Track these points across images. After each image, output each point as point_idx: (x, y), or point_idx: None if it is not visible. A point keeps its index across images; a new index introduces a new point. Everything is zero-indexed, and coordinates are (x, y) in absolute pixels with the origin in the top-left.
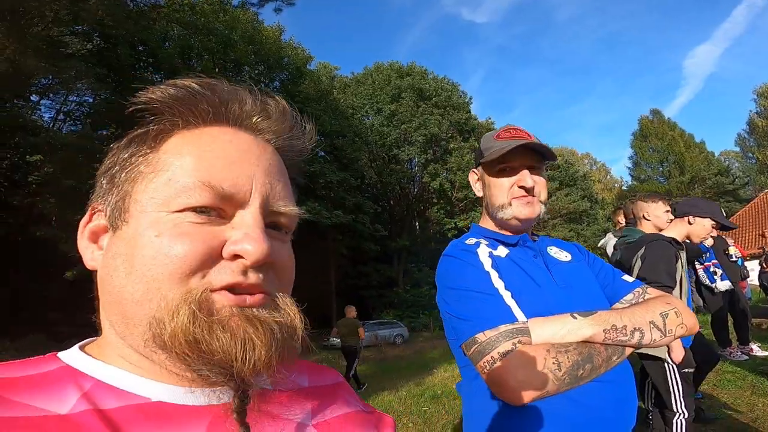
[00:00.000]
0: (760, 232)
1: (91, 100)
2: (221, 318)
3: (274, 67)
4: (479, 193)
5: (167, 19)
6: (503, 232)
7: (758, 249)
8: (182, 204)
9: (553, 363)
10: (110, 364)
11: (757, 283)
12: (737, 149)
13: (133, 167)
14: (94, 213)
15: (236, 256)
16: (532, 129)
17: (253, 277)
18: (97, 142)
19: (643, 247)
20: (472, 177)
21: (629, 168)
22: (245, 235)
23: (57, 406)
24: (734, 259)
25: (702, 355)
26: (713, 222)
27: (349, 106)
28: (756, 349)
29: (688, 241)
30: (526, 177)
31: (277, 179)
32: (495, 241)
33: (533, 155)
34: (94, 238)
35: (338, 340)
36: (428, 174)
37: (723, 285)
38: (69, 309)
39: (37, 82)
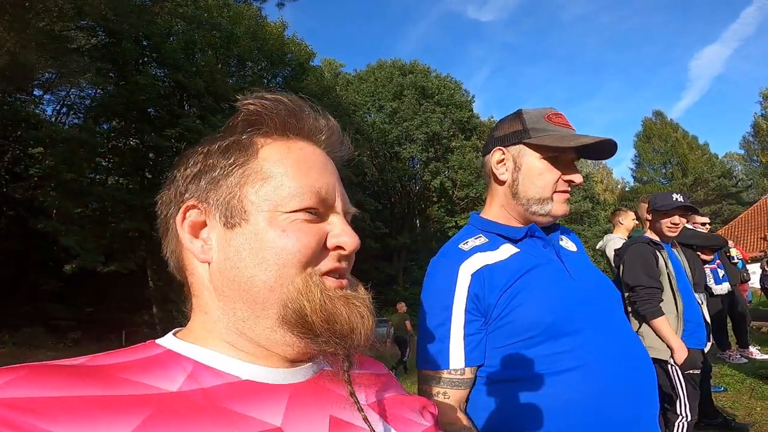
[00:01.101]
0: (762, 235)
1: (92, 94)
2: (334, 297)
3: (277, 62)
4: (503, 177)
5: (171, 14)
6: (512, 223)
7: (760, 252)
8: (295, 206)
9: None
10: (207, 347)
11: (758, 286)
12: (742, 152)
13: (240, 173)
14: (189, 210)
15: (338, 247)
16: None
17: (344, 264)
18: (99, 136)
19: (625, 251)
20: (496, 156)
21: (632, 169)
22: (343, 231)
23: (168, 384)
24: (735, 261)
25: None
26: (656, 210)
27: (351, 103)
28: (755, 353)
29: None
30: (577, 172)
31: (341, 185)
32: (498, 236)
33: (578, 151)
34: (195, 232)
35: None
36: (429, 172)
37: (721, 288)
38: (67, 302)
39: (40, 76)
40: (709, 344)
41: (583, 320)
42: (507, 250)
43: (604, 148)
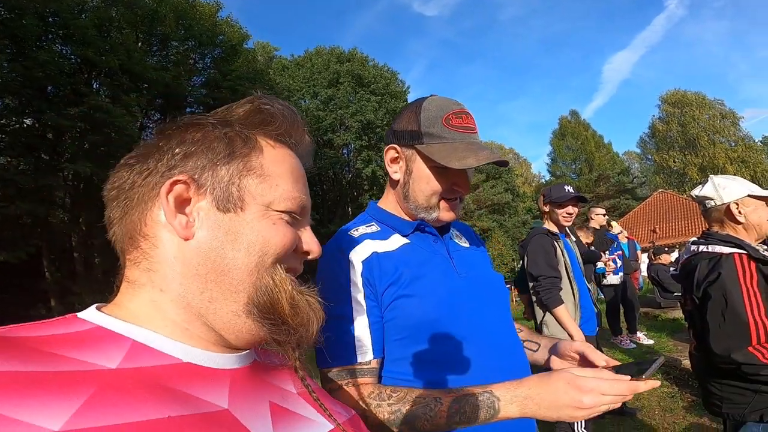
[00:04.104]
0: (652, 228)
1: None
2: (298, 290)
3: (206, 43)
4: (395, 176)
5: None
6: (404, 216)
7: (649, 243)
8: (284, 207)
9: (364, 409)
10: (144, 326)
11: (646, 274)
12: (639, 151)
13: (242, 164)
14: (176, 184)
15: (306, 252)
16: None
17: (302, 267)
18: None
19: (529, 243)
20: (390, 154)
21: (548, 164)
22: (312, 239)
23: (105, 361)
24: (618, 232)
25: None
26: (552, 202)
27: (285, 88)
28: (642, 338)
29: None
30: (467, 181)
31: None
32: (390, 228)
33: None
34: (179, 207)
35: None
36: (362, 160)
37: (612, 278)
38: None
39: None
40: (598, 330)
41: (467, 318)
42: (397, 241)
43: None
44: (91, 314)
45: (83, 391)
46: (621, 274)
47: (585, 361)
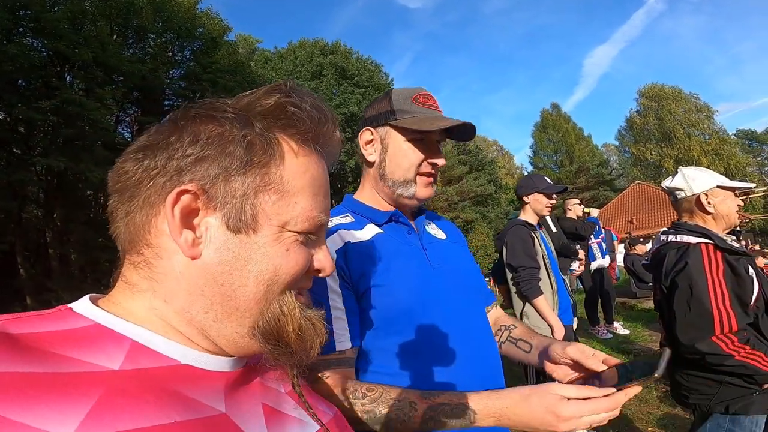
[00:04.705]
0: (629, 218)
1: None
2: (305, 316)
3: (185, 36)
4: (371, 158)
5: None
6: (381, 205)
7: (626, 233)
8: (301, 228)
9: (345, 403)
10: (143, 326)
11: (623, 265)
12: (617, 143)
13: (259, 176)
14: (183, 193)
15: (318, 270)
16: (452, 114)
17: (311, 284)
18: None
19: (506, 234)
20: (365, 137)
21: (529, 156)
22: (326, 257)
23: (107, 362)
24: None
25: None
26: (540, 192)
27: (268, 80)
28: (619, 328)
29: (573, 217)
30: (440, 152)
31: None
32: (364, 218)
33: (443, 131)
34: (186, 222)
35: None
36: (345, 152)
37: (601, 261)
38: None
39: None
40: (575, 320)
41: (440, 309)
42: (370, 230)
43: (466, 130)
44: (87, 308)
45: (90, 394)
46: (607, 257)
47: (581, 366)
